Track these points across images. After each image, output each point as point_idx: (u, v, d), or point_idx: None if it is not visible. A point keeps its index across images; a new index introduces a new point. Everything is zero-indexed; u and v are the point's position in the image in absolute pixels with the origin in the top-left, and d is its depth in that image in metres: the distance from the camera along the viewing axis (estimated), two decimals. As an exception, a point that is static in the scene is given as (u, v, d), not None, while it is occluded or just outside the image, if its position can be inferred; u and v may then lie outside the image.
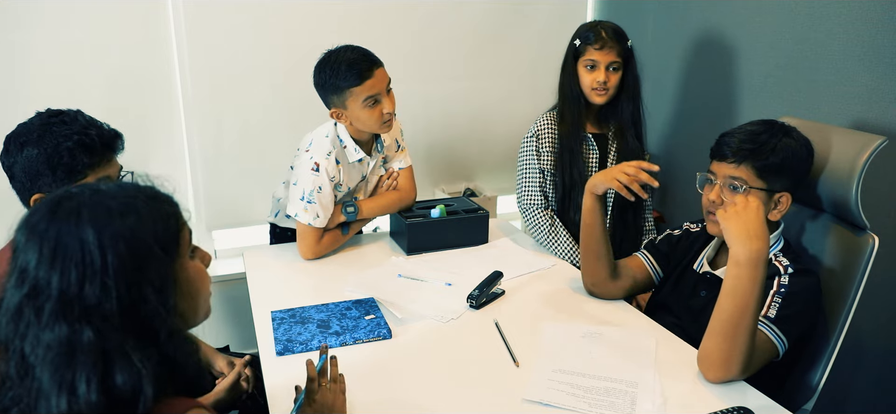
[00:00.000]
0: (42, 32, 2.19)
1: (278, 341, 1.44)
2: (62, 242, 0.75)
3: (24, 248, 0.77)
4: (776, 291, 1.39)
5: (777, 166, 1.40)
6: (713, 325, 1.29)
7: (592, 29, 1.94)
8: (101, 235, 0.76)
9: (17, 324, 0.76)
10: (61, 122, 1.30)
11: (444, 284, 1.76)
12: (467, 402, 1.26)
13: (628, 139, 1.99)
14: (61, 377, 0.74)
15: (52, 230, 0.76)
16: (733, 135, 1.44)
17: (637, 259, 1.72)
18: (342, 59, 1.77)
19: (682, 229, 1.70)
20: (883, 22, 1.75)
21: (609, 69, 1.92)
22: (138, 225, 0.79)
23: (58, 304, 0.75)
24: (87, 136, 1.30)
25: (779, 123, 1.45)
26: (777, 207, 1.43)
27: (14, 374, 0.76)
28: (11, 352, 0.76)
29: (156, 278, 0.79)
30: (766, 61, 2.13)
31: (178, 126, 2.45)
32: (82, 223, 0.76)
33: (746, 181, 1.41)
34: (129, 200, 0.80)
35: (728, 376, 1.28)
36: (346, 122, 1.87)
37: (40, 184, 1.29)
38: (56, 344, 0.74)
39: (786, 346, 1.34)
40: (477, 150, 2.92)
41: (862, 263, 1.43)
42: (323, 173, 1.85)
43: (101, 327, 0.75)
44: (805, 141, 1.45)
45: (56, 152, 1.27)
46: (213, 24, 2.35)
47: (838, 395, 1.92)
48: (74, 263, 0.75)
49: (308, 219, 1.86)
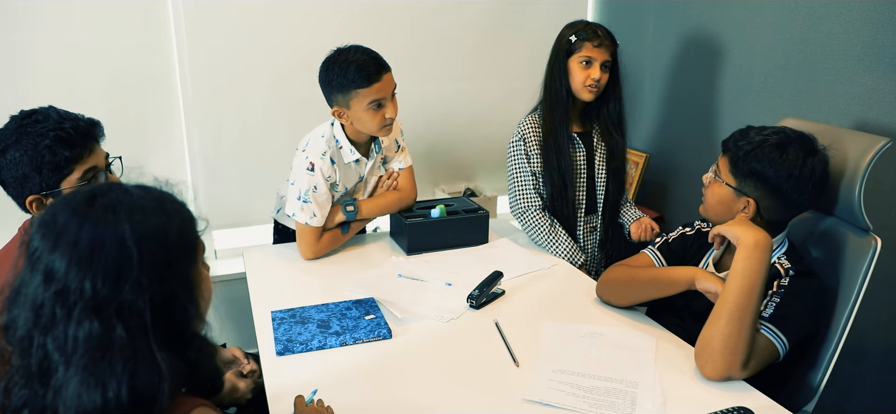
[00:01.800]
0: (42, 33, 2.19)
1: (278, 341, 1.44)
2: (99, 239, 0.75)
3: (47, 248, 0.76)
4: (775, 291, 1.38)
5: (746, 171, 1.41)
6: (718, 310, 1.31)
7: (588, 27, 1.96)
8: (138, 231, 0.76)
9: (39, 321, 0.76)
10: (35, 121, 1.30)
11: (444, 284, 1.76)
12: (467, 402, 1.26)
13: (616, 138, 2.04)
14: (93, 374, 0.74)
15: (87, 228, 0.76)
16: (752, 129, 1.46)
17: (645, 257, 1.67)
18: (352, 60, 1.77)
19: (693, 228, 1.69)
20: (883, 22, 1.74)
21: (603, 68, 1.94)
22: (169, 224, 0.80)
23: (91, 301, 0.74)
24: (63, 131, 1.29)
25: (785, 135, 1.40)
26: (745, 209, 1.44)
27: (36, 370, 0.76)
28: (35, 348, 0.76)
29: (184, 277, 0.80)
30: (766, 61, 2.13)
31: (178, 126, 2.45)
32: (119, 220, 0.76)
33: (720, 172, 1.48)
34: (158, 202, 0.82)
35: (730, 369, 1.27)
36: (346, 122, 1.87)
37: (30, 186, 1.29)
38: (86, 340, 0.74)
39: (786, 346, 1.33)
40: (477, 150, 2.92)
41: (864, 264, 1.43)
42: (318, 173, 1.85)
43: (131, 325, 0.75)
44: (800, 164, 1.37)
45: (36, 152, 1.27)
46: (213, 24, 2.35)
47: (840, 396, 1.92)
48: (111, 259, 0.75)
49: (305, 218, 1.86)
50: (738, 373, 1.29)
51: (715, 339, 1.29)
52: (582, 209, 2.07)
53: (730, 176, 1.45)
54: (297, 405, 1.19)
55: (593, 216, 2.10)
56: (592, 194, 2.08)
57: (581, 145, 2.04)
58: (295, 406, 1.19)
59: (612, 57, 1.96)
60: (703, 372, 1.31)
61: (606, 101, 2.02)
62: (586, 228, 2.10)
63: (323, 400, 1.22)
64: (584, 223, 2.09)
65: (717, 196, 1.48)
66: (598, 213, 2.10)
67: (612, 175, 2.06)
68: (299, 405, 1.19)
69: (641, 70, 2.72)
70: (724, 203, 1.47)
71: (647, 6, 2.67)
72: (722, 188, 1.47)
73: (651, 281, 1.56)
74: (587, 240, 2.11)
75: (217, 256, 2.66)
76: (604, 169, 2.06)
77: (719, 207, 1.48)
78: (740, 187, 1.43)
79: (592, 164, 2.06)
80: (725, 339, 1.28)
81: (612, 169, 2.06)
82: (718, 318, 1.30)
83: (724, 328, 1.28)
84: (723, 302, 1.31)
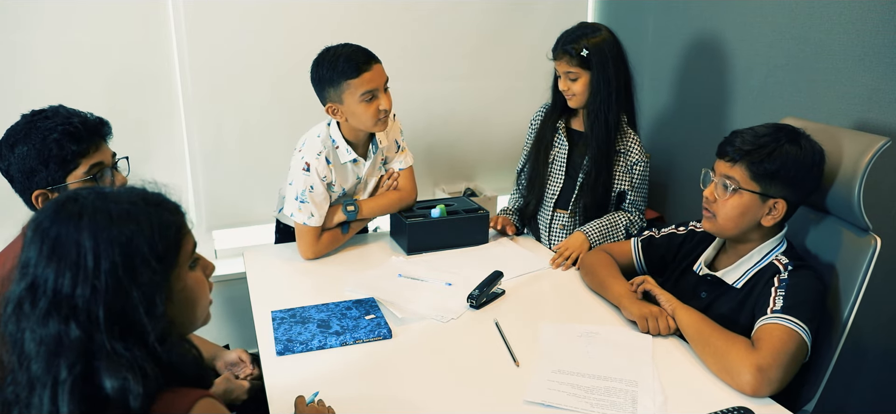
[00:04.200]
0: (42, 33, 2.18)
1: (278, 341, 1.44)
2: (61, 242, 0.78)
3: (28, 244, 0.80)
4: (778, 286, 1.39)
5: (772, 172, 1.39)
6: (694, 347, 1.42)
7: (558, 38, 1.98)
8: (97, 239, 0.78)
9: (19, 317, 0.78)
10: (44, 117, 1.34)
11: (444, 284, 1.76)
12: (467, 402, 1.26)
13: (598, 141, 1.97)
14: (48, 372, 0.76)
15: (54, 230, 0.79)
16: (739, 134, 1.44)
17: (626, 246, 1.78)
18: (340, 53, 1.78)
19: (686, 227, 1.70)
20: (883, 22, 1.74)
21: (568, 78, 1.96)
22: (136, 233, 0.81)
23: (52, 301, 0.77)
24: (72, 125, 1.33)
25: (789, 129, 1.43)
26: (771, 212, 1.43)
27: (16, 365, 0.79)
28: (13, 344, 0.79)
29: (146, 286, 0.80)
30: (766, 61, 2.12)
31: (178, 126, 2.45)
32: (81, 227, 0.79)
33: (738, 182, 1.42)
34: (131, 207, 0.82)
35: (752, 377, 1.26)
36: (341, 119, 1.87)
37: (37, 180, 1.32)
38: (47, 339, 0.77)
39: (809, 334, 1.32)
40: (477, 149, 2.92)
41: (863, 264, 1.42)
42: (313, 173, 1.86)
43: (88, 327, 0.77)
44: (813, 151, 1.42)
45: (44, 146, 1.30)
46: (213, 24, 2.35)
47: (840, 396, 1.92)
48: (68, 263, 0.77)
49: (303, 218, 1.87)
50: (765, 373, 1.25)
51: (713, 367, 1.35)
52: (552, 202, 2.09)
53: (752, 183, 1.41)
54: (297, 406, 1.19)
55: (564, 212, 2.09)
56: (570, 191, 2.07)
57: (564, 141, 2.06)
58: (295, 406, 1.19)
59: (577, 66, 1.91)
60: (744, 392, 1.28)
61: (594, 104, 1.96)
62: (556, 224, 2.11)
63: (324, 401, 1.23)
64: (557, 218, 2.10)
65: (739, 208, 1.43)
66: (568, 210, 2.08)
67: (590, 177, 2.01)
68: (300, 406, 1.19)
69: (641, 70, 2.71)
70: (748, 212, 1.43)
71: (647, 6, 2.67)
72: (744, 197, 1.42)
73: (600, 282, 1.68)
74: (556, 234, 2.12)
75: (217, 256, 2.66)
76: (584, 169, 2.04)
77: (743, 218, 1.44)
78: (766, 191, 1.41)
79: (571, 162, 2.07)
80: (716, 361, 1.34)
81: (591, 171, 2.01)
82: (699, 353, 1.39)
83: (705, 357, 1.37)
84: (689, 338, 1.43)
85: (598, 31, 1.93)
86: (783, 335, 1.30)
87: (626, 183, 2.04)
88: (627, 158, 2.02)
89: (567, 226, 2.10)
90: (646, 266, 1.74)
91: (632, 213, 2.06)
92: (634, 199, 2.06)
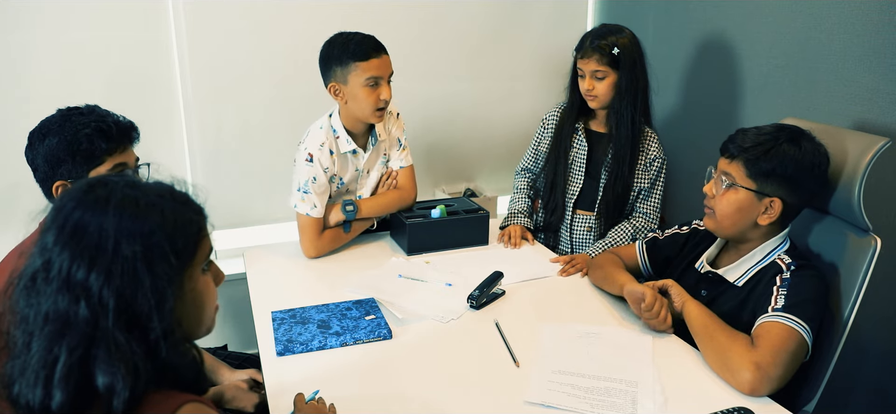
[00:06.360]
0: (42, 33, 2.18)
1: (279, 341, 1.44)
2: (83, 223, 0.79)
3: (49, 225, 0.81)
4: (779, 285, 1.39)
5: (767, 171, 1.40)
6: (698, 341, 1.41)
7: (586, 36, 1.99)
8: (121, 225, 0.79)
9: (30, 291, 0.79)
10: (80, 113, 1.38)
11: (444, 285, 1.76)
12: (468, 402, 1.26)
13: (623, 141, 1.99)
14: (50, 350, 0.76)
15: (78, 212, 0.79)
16: (741, 132, 1.45)
17: (631, 249, 1.79)
18: (353, 37, 1.84)
19: (690, 226, 1.70)
20: (883, 22, 1.74)
21: (594, 77, 1.95)
22: (159, 225, 0.82)
23: (66, 279, 0.77)
24: (105, 124, 1.37)
25: (791, 130, 1.43)
26: (767, 211, 1.43)
27: (21, 340, 0.79)
28: (20, 320, 0.79)
29: (160, 278, 0.81)
30: (766, 61, 2.12)
31: (178, 126, 2.45)
32: (108, 211, 0.79)
33: (735, 178, 1.43)
34: (158, 200, 0.83)
35: (751, 375, 1.26)
36: (342, 101, 1.88)
37: (61, 171, 1.35)
38: (54, 316, 0.77)
39: (810, 333, 1.32)
40: (477, 150, 2.92)
41: (864, 264, 1.43)
42: (316, 163, 1.88)
43: (96, 310, 0.77)
44: (814, 153, 1.41)
45: (75, 139, 1.33)
46: (214, 24, 2.35)
47: (840, 396, 1.92)
48: (89, 245, 0.78)
49: (306, 208, 1.88)
50: (763, 371, 1.25)
51: (714, 364, 1.35)
52: (571, 203, 2.09)
53: (748, 180, 1.42)
54: (296, 403, 1.19)
55: (590, 215, 2.10)
56: (593, 192, 2.08)
57: (583, 142, 2.05)
58: (295, 404, 1.19)
59: (606, 65, 1.92)
60: (743, 389, 1.28)
61: (618, 105, 1.97)
62: (582, 226, 2.11)
63: (324, 399, 1.23)
64: (580, 219, 2.10)
65: (735, 204, 1.44)
66: (595, 212, 2.09)
67: (614, 177, 2.03)
68: (299, 403, 1.19)
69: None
70: (744, 209, 1.44)
71: (647, 6, 2.67)
72: (740, 194, 1.43)
73: (605, 275, 1.70)
74: (581, 236, 2.11)
75: (217, 257, 2.66)
76: (607, 170, 2.05)
77: (739, 214, 1.45)
78: (762, 189, 1.41)
79: (592, 161, 2.06)
80: (717, 358, 1.34)
81: (615, 172, 2.03)
82: (702, 348, 1.40)
83: (706, 353, 1.38)
84: (693, 332, 1.43)
85: (622, 32, 1.96)
86: (783, 333, 1.30)
87: (646, 182, 2.05)
88: (646, 156, 2.04)
89: (593, 227, 2.10)
90: (651, 267, 1.74)
91: (640, 220, 2.07)
92: (646, 209, 2.06)
